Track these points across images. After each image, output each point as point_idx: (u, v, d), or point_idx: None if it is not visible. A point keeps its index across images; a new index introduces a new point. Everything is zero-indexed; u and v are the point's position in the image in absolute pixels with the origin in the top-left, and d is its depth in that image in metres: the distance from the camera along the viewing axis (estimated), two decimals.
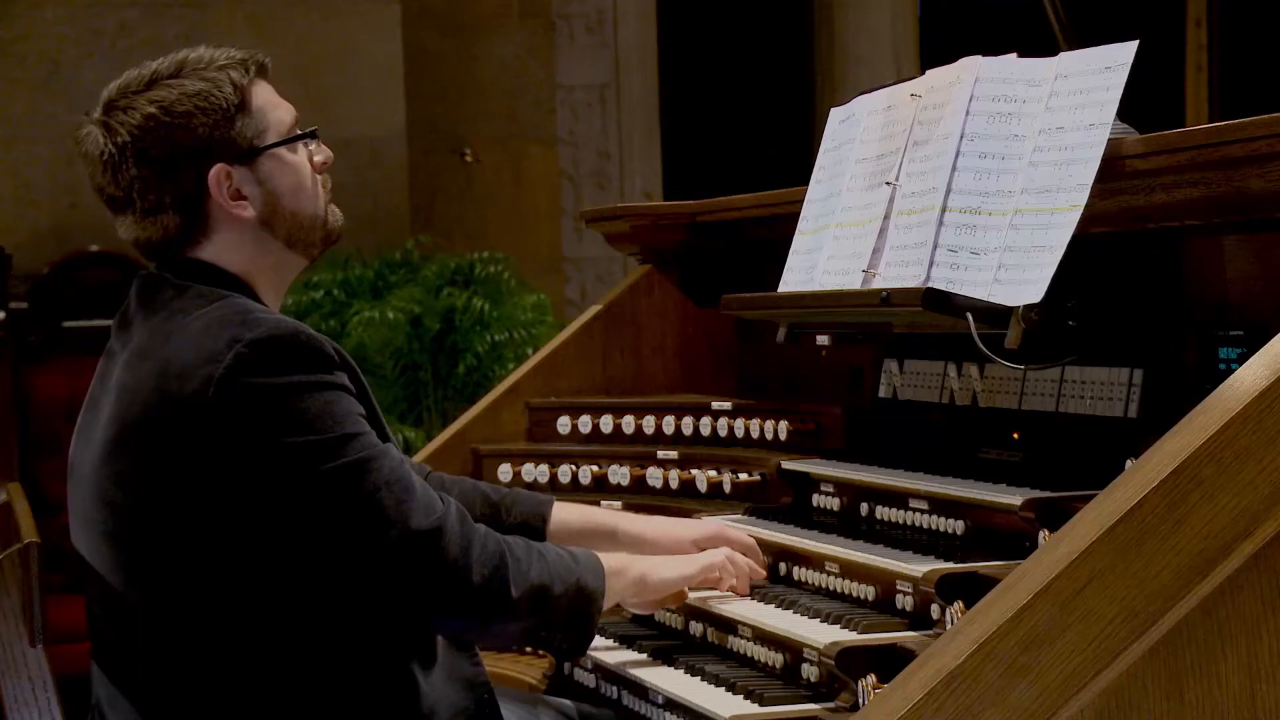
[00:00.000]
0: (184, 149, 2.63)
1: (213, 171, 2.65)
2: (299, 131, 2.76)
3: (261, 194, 2.69)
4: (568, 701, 3.10)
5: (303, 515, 2.51)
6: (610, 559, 2.82)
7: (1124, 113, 2.71)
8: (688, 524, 3.18)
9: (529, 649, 3.62)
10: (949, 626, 2.53)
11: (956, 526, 2.86)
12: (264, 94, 2.72)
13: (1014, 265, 2.74)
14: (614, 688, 3.06)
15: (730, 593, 3.03)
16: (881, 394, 3.36)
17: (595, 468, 3.88)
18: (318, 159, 2.78)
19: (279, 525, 2.52)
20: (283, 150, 2.71)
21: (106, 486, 2.59)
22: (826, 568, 2.94)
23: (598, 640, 3.12)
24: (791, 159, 8.51)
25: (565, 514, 3.15)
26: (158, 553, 2.55)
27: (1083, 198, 2.66)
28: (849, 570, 2.88)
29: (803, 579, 3.03)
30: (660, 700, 2.86)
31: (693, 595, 3.05)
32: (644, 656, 3.04)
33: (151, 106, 2.63)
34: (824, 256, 3.22)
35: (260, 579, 2.54)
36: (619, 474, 3.84)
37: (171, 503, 2.52)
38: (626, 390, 4.17)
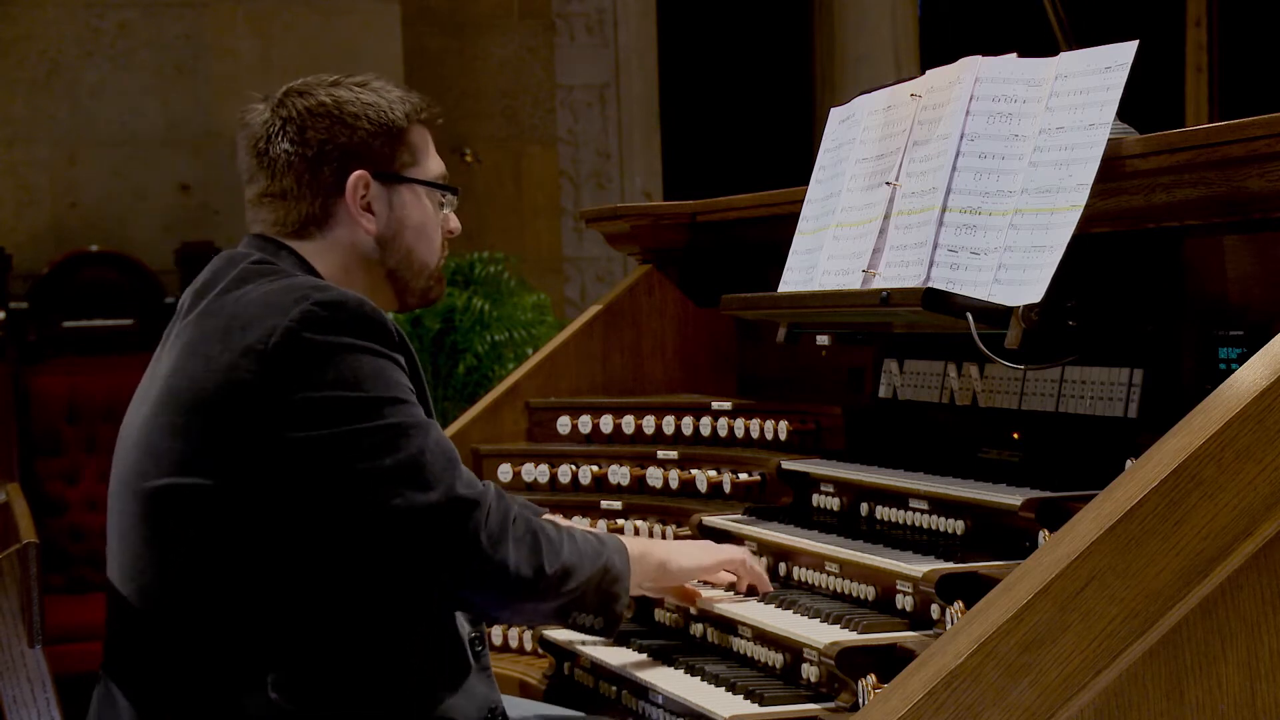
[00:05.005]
0: (340, 144, 2.75)
1: (355, 175, 2.76)
2: (444, 184, 2.87)
3: (389, 217, 2.79)
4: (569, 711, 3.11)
5: (344, 472, 2.51)
6: (632, 544, 2.86)
7: (1124, 113, 2.71)
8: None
9: (528, 650, 3.63)
10: (949, 626, 2.53)
11: (956, 526, 2.86)
12: (426, 139, 2.86)
13: (1014, 265, 2.74)
14: (614, 688, 3.06)
15: (735, 592, 3.04)
16: (881, 394, 3.36)
17: (595, 468, 3.88)
18: (450, 225, 2.90)
19: (318, 483, 2.51)
20: (421, 192, 2.83)
21: (155, 438, 2.60)
22: (826, 568, 2.94)
23: (597, 640, 3.12)
24: (791, 159, 8.52)
25: None
26: (190, 511, 2.53)
27: (1083, 198, 2.65)
28: (849, 570, 2.88)
29: (803, 579, 3.02)
30: (660, 700, 2.86)
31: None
32: (644, 656, 3.04)
33: (328, 98, 2.78)
34: (824, 256, 3.22)
35: (296, 551, 2.52)
36: (619, 474, 3.84)
37: (214, 456, 2.53)
38: (626, 390, 4.17)
